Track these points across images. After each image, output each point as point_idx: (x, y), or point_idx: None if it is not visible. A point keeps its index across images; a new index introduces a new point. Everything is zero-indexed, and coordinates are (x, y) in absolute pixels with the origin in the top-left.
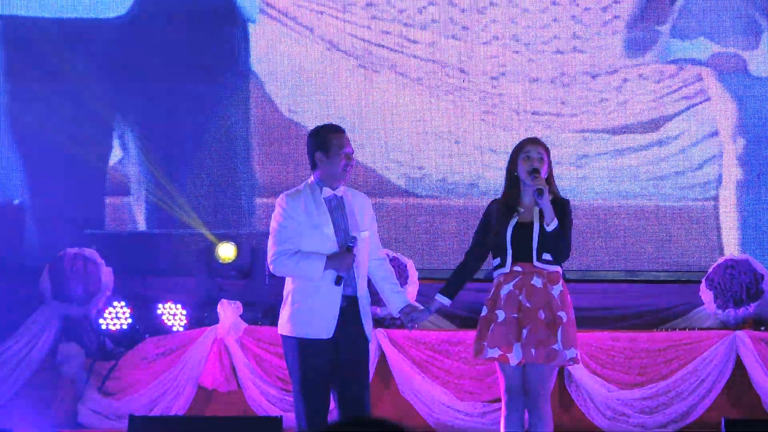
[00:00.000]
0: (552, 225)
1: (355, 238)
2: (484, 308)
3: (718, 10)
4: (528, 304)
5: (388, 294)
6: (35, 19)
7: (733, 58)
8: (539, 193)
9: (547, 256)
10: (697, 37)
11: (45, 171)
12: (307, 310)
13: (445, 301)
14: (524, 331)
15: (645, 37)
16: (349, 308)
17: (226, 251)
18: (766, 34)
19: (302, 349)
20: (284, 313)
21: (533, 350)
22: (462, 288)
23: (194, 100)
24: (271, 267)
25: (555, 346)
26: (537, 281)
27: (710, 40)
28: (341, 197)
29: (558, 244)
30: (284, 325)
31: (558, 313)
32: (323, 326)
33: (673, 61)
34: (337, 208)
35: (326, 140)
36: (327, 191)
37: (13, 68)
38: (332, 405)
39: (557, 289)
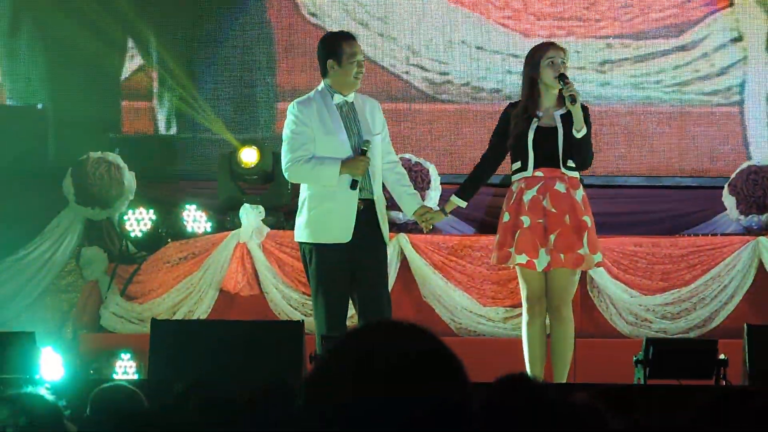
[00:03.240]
0: (582, 131)
1: (368, 141)
2: (506, 214)
3: None
4: (553, 210)
5: (402, 197)
6: None
7: None
8: (573, 99)
9: (570, 162)
10: None
11: (67, 75)
12: (324, 215)
13: (461, 203)
14: (551, 237)
15: None
16: (366, 211)
17: (249, 156)
18: None
19: (320, 254)
20: (300, 219)
21: (562, 255)
22: (478, 191)
23: (215, 2)
24: (286, 174)
25: (582, 251)
26: (560, 186)
27: None
28: (352, 102)
29: (585, 151)
30: (301, 232)
31: (582, 218)
32: (341, 230)
33: None
34: (348, 114)
35: (338, 48)
36: (338, 97)
37: None
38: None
39: (579, 193)
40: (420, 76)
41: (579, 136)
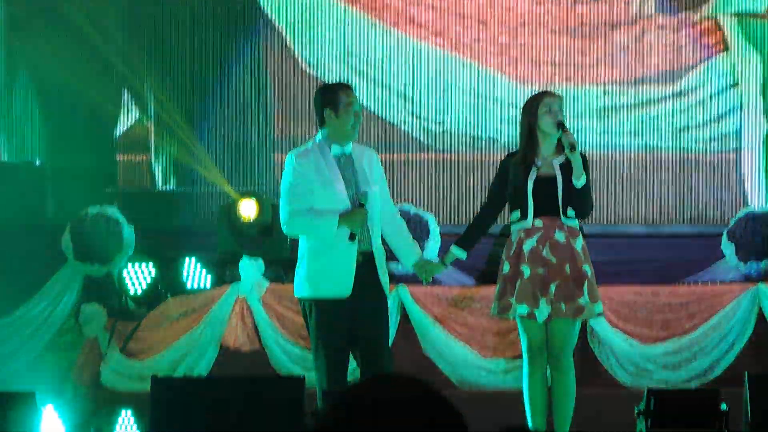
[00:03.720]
0: (582, 180)
1: (366, 193)
2: (506, 264)
3: None
4: (553, 259)
5: (401, 248)
6: None
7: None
8: (572, 147)
9: (570, 211)
10: None
11: (64, 130)
12: (323, 269)
13: (461, 253)
14: (552, 287)
15: None
16: (366, 264)
17: (248, 208)
18: None
19: (320, 309)
20: (300, 273)
21: (563, 305)
22: (478, 241)
23: (212, 55)
24: (284, 227)
25: (582, 301)
26: (560, 235)
27: None
28: (350, 153)
29: (585, 199)
30: (301, 286)
31: (583, 267)
32: (340, 284)
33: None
34: (346, 165)
35: (335, 97)
36: (336, 148)
37: (31, 28)
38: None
39: (579, 242)
40: (417, 125)
41: (579, 184)
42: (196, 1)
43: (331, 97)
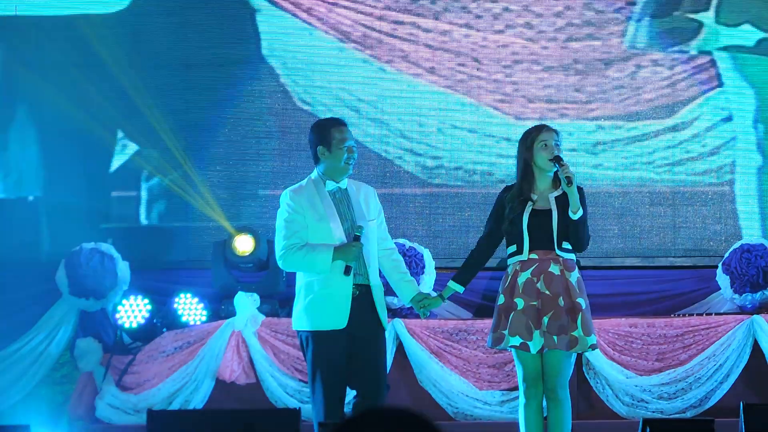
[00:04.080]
0: (578, 213)
1: (361, 227)
2: (501, 297)
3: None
4: (547, 292)
5: (398, 283)
6: (43, 18)
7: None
8: (569, 180)
9: (566, 245)
10: (741, 23)
11: (59, 166)
12: (320, 302)
13: (458, 288)
14: (545, 319)
15: (684, 26)
16: (362, 297)
17: (244, 243)
18: None
19: (317, 342)
20: (297, 307)
21: (555, 337)
22: (475, 275)
23: (208, 91)
24: (279, 263)
25: (575, 333)
26: (554, 268)
27: (754, 26)
28: (345, 189)
29: (582, 233)
30: (298, 319)
31: (577, 300)
32: (336, 317)
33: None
34: (342, 200)
35: (328, 134)
36: (331, 184)
37: (27, 64)
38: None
39: (574, 275)
40: (412, 160)
41: (575, 217)
42: (193, 38)
43: (324, 135)
